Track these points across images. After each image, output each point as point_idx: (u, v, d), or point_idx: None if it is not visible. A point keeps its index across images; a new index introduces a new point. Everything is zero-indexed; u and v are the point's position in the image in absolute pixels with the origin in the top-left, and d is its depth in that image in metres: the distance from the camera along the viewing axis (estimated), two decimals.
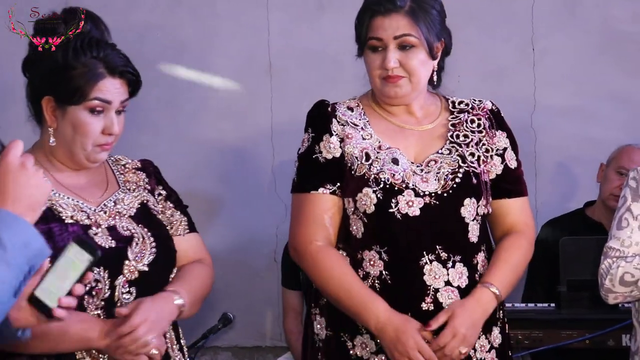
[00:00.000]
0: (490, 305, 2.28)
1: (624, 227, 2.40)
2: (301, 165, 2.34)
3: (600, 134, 3.84)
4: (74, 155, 2.12)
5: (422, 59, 2.29)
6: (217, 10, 4.03)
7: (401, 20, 2.26)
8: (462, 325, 2.22)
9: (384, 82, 2.30)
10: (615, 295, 2.39)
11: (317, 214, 2.29)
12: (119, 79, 2.11)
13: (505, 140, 2.39)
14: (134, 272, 2.10)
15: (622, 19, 3.90)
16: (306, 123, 2.36)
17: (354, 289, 2.24)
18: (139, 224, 2.14)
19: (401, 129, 2.35)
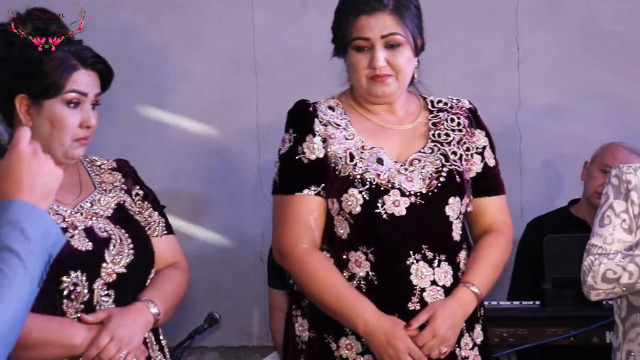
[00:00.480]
0: (470, 305, 2.29)
1: (606, 224, 2.42)
2: (283, 166, 2.32)
3: (584, 132, 3.86)
4: (51, 152, 2.09)
5: (408, 57, 2.29)
6: (202, 9, 4.02)
7: (387, 19, 2.26)
8: (443, 325, 2.23)
9: (371, 82, 2.29)
10: (598, 292, 2.40)
11: (303, 215, 2.27)
12: (92, 70, 2.12)
13: (484, 138, 2.40)
14: (111, 275, 2.09)
15: (605, 17, 3.91)
16: (287, 123, 2.35)
17: (340, 291, 2.23)
18: (116, 225, 2.13)
19: (383, 128, 2.34)
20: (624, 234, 2.41)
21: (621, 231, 2.41)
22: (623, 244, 2.40)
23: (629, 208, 2.42)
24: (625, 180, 2.43)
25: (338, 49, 2.33)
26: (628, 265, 2.34)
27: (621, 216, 2.41)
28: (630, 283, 2.35)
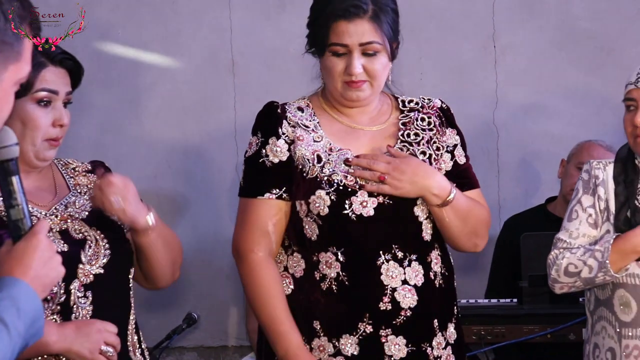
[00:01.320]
0: (441, 187, 2.29)
1: (574, 218, 2.46)
2: (247, 168, 2.34)
3: (560, 130, 3.90)
4: (23, 153, 2.07)
5: (384, 63, 2.29)
6: (179, 8, 4.02)
7: (365, 26, 2.25)
8: (408, 159, 2.28)
9: (346, 86, 2.29)
10: (561, 285, 2.45)
11: (261, 220, 2.29)
12: (61, 67, 2.10)
13: (456, 137, 2.41)
14: (88, 276, 2.09)
15: (581, 16, 3.95)
16: (254, 125, 2.35)
17: (275, 314, 2.27)
18: (91, 227, 2.12)
19: (352, 129, 2.35)
20: (589, 229, 2.44)
21: (587, 226, 2.44)
22: (588, 238, 2.44)
23: (595, 203, 2.45)
24: (594, 176, 2.47)
25: (314, 49, 2.33)
26: (588, 259, 2.38)
27: (588, 211, 2.45)
28: (590, 277, 2.39)
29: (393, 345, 2.27)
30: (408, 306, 2.27)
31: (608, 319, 2.44)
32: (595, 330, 2.47)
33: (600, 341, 2.44)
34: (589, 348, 2.50)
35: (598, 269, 2.36)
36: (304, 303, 2.30)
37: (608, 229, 2.43)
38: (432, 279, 2.31)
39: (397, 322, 2.26)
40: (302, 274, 2.31)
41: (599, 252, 2.37)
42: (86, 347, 2.03)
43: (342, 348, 2.27)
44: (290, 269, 2.32)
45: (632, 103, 2.44)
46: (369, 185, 2.25)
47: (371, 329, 2.26)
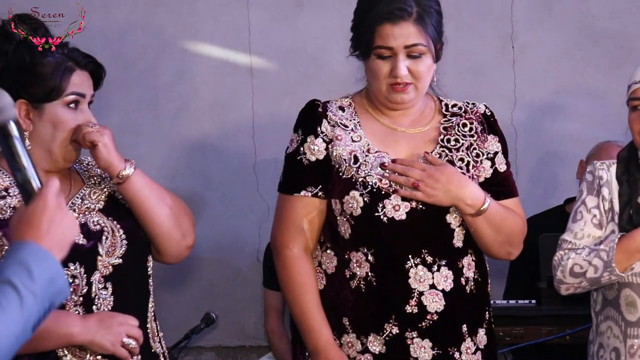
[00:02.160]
0: (475, 197, 2.28)
1: (578, 219, 2.48)
2: (287, 165, 2.37)
3: (579, 130, 3.88)
4: (52, 154, 2.13)
5: (429, 65, 2.31)
6: (197, 9, 4.03)
7: (410, 28, 2.26)
8: (443, 167, 2.28)
9: (392, 89, 2.29)
10: (567, 287, 2.46)
11: (297, 217, 2.32)
12: (85, 71, 2.14)
13: (497, 144, 2.39)
14: (107, 267, 2.12)
15: (600, 16, 3.93)
16: (297, 123, 2.37)
17: (307, 308, 2.31)
18: (108, 217, 2.16)
19: (393, 130, 2.35)
20: (594, 229, 2.45)
21: (591, 226, 2.45)
22: (593, 239, 2.45)
23: (600, 204, 2.46)
24: (597, 177, 2.48)
25: (359, 52, 2.33)
26: (593, 259, 2.39)
27: (592, 212, 2.46)
28: (596, 277, 2.39)
29: (419, 348, 2.29)
30: (435, 310, 2.28)
31: (614, 318, 2.45)
32: (600, 331, 2.48)
33: (605, 341, 2.45)
34: (594, 349, 2.50)
35: (603, 268, 2.37)
36: (334, 299, 2.33)
37: (613, 229, 2.43)
38: (463, 285, 2.32)
39: (423, 325, 2.28)
40: (334, 271, 2.33)
41: (604, 252, 2.38)
42: (108, 339, 2.07)
43: (370, 346, 2.30)
44: (323, 265, 2.36)
45: (638, 102, 2.45)
46: (403, 190, 2.27)
47: (397, 330, 2.28)
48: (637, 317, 2.39)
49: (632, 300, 2.40)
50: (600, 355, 2.47)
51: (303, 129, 2.35)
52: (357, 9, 2.35)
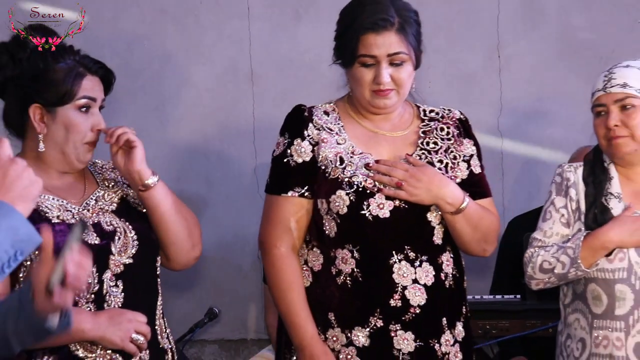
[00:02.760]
0: (454, 196, 2.30)
1: (548, 219, 2.50)
2: (274, 167, 2.37)
3: (561, 135, 3.90)
4: (66, 156, 2.14)
5: (409, 72, 2.33)
6: (201, 21, 4.04)
7: (393, 38, 2.28)
8: (424, 167, 2.29)
9: (375, 95, 2.31)
10: (537, 282, 2.48)
11: (285, 217, 2.33)
12: (96, 76, 2.17)
13: (472, 147, 2.43)
14: (119, 266, 2.13)
15: (580, 28, 3.95)
16: (283, 127, 2.38)
17: (294, 305, 2.31)
18: (121, 218, 2.17)
19: (375, 134, 2.37)
20: (562, 228, 2.48)
21: (560, 225, 2.48)
22: (561, 237, 2.47)
23: (567, 204, 2.48)
24: (565, 178, 2.51)
25: (342, 60, 2.35)
26: (561, 256, 2.41)
27: (560, 211, 2.48)
28: (563, 273, 2.42)
29: (402, 340, 2.29)
30: (417, 304, 2.29)
31: (582, 311, 2.47)
32: (568, 322, 2.51)
33: (573, 332, 2.48)
34: (562, 339, 2.54)
35: (570, 265, 2.39)
36: (320, 295, 2.33)
37: (580, 228, 2.46)
38: (443, 280, 2.33)
39: (407, 318, 2.29)
40: (320, 268, 2.34)
41: (570, 249, 2.40)
42: (118, 335, 2.08)
43: (354, 339, 2.30)
44: (309, 263, 2.35)
45: (602, 109, 2.47)
46: (387, 189, 2.28)
47: (382, 323, 2.29)
48: (602, 310, 2.41)
49: (597, 294, 2.42)
50: (568, 345, 2.50)
51: (290, 133, 2.35)
52: (340, 20, 2.36)
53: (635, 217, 2.40)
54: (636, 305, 2.38)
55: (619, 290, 2.39)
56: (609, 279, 2.40)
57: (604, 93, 2.46)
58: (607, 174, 2.48)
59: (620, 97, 2.43)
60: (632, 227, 2.38)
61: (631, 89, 2.43)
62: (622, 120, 2.43)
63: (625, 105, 2.43)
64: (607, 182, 2.46)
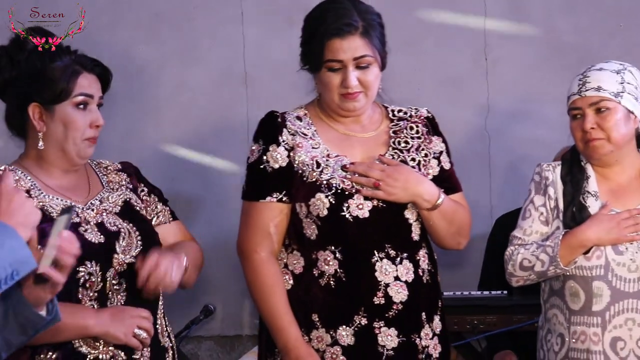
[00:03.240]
0: (430, 193, 2.31)
1: (527, 217, 2.51)
2: (250, 174, 2.35)
3: (547, 135, 3.89)
4: (66, 152, 2.15)
5: (376, 74, 2.33)
6: (196, 25, 4.04)
7: (358, 41, 2.27)
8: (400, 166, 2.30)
9: (343, 98, 2.31)
10: (517, 279, 2.49)
11: (264, 222, 2.31)
12: (93, 74, 2.16)
13: (441, 144, 2.44)
14: (122, 265, 2.13)
15: (565, 32, 3.96)
16: (256, 133, 2.37)
17: (276, 309, 2.29)
18: (124, 220, 2.18)
19: (347, 136, 2.36)
20: (541, 226, 2.49)
21: (539, 223, 2.49)
22: (540, 235, 2.49)
23: (546, 202, 2.49)
24: (544, 177, 2.52)
25: (309, 66, 2.35)
26: (540, 254, 2.43)
27: (539, 210, 2.49)
28: (543, 271, 2.43)
29: (386, 336, 2.30)
30: (400, 300, 2.30)
31: (560, 307, 2.49)
32: (548, 317, 2.53)
33: (552, 327, 2.49)
34: (542, 333, 2.55)
35: (549, 263, 2.41)
36: (302, 298, 2.32)
37: (558, 226, 2.46)
38: (421, 275, 2.35)
39: (390, 315, 2.30)
40: (302, 271, 2.33)
41: (549, 248, 2.41)
42: (121, 330, 2.08)
43: (339, 338, 2.29)
44: (290, 266, 2.34)
45: (578, 112, 2.48)
46: (365, 190, 2.28)
47: (366, 321, 2.29)
48: (580, 306, 2.42)
49: (575, 290, 2.43)
50: (548, 340, 2.51)
51: (264, 139, 2.34)
52: (305, 27, 2.36)
53: (612, 216, 2.42)
54: (612, 302, 2.40)
55: (597, 287, 2.40)
56: (587, 276, 2.41)
57: (579, 97, 2.47)
58: (585, 173, 2.49)
59: (595, 100, 2.44)
60: (609, 226, 2.39)
61: (605, 92, 2.44)
62: (598, 122, 2.44)
63: (600, 108, 2.44)
64: (584, 181, 2.47)
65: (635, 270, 2.39)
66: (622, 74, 2.46)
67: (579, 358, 2.42)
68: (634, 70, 2.50)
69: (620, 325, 2.38)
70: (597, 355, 2.39)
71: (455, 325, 3.41)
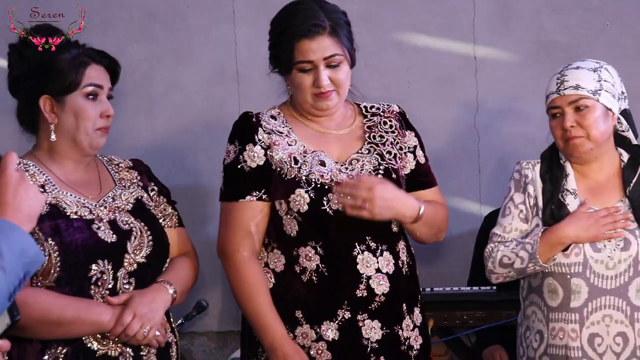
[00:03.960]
0: (412, 208, 2.29)
1: (507, 214, 2.51)
2: (227, 175, 2.34)
3: (535, 132, 3.89)
4: (77, 143, 2.15)
5: (347, 72, 2.32)
6: (189, 24, 4.05)
7: (327, 41, 2.26)
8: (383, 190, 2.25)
9: (317, 98, 2.31)
10: (497, 276, 2.49)
11: (244, 222, 2.29)
12: (101, 65, 2.18)
13: (414, 139, 2.45)
14: (132, 264, 2.13)
15: (552, 31, 3.97)
16: (232, 135, 2.36)
17: (261, 309, 2.26)
18: (136, 218, 2.18)
19: (322, 133, 2.36)
20: (521, 223, 2.49)
21: (518, 221, 2.49)
22: (520, 232, 2.48)
23: (526, 200, 2.49)
24: (524, 175, 2.52)
25: (280, 68, 2.35)
26: (520, 252, 2.42)
27: (519, 207, 2.49)
28: (522, 267, 2.43)
29: (370, 329, 2.29)
30: (382, 292, 2.30)
31: (538, 304, 2.49)
32: (527, 314, 2.53)
33: (531, 324, 2.50)
34: (522, 330, 2.55)
35: (529, 260, 2.41)
36: (285, 295, 2.30)
37: (537, 223, 2.46)
38: (401, 267, 2.35)
39: (372, 307, 2.29)
40: (283, 269, 2.31)
41: (529, 245, 2.41)
42: None
43: (324, 334, 2.28)
44: (270, 265, 2.32)
45: (557, 110, 2.48)
46: (349, 209, 2.23)
47: (349, 314, 2.28)
48: (558, 302, 2.43)
49: (553, 287, 2.43)
50: (527, 337, 2.52)
51: (240, 139, 2.32)
52: (272, 30, 2.36)
53: (590, 213, 2.42)
54: (590, 298, 2.40)
55: (575, 283, 2.40)
56: (565, 273, 2.41)
57: (558, 95, 2.48)
58: (564, 171, 2.49)
59: (574, 98, 2.44)
60: (587, 223, 2.39)
61: (583, 90, 2.44)
62: (577, 120, 2.44)
63: (579, 106, 2.44)
64: (563, 179, 2.47)
65: (613, 268, 2.39)
66: (598, 72, 2.46)
67: (557, 354, 2.42)
68: (610, 68, 2.50)
69: (598, 321, 2.39)
70: (575, 351, 2.39)
71: (445, 321, 3.41)
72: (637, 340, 2.38)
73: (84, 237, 2.06)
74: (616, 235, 2.40)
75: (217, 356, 4.11)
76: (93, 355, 2.08)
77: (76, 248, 2.05)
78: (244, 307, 2.30)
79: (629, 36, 3.91)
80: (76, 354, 2.07)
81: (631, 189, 2.44)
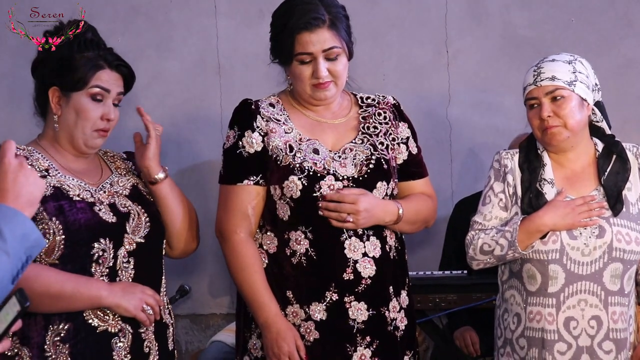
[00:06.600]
0: (390, 214, 2.32)
1: (487, 203, 2.51)
2: (227, 159, 2.35)
3: (504, 124, 3.93)
4: (74, 139, 2.15)
5: (344, 63, 2.35)
6: (171, 18, 4.01)
7: (326, 34, 2.28)
8: (365, 201, 2.28)
9: (315, 88, 2.32)
10: (477, 262, 2.50)
11: (242, 205, 2.30)
12: (116, 72, 2.18)
13: (407, 130, 2.45)
14: (132, 244, 2.15)
15: (521, 26, 3.98)
16: (232, 120, 2.37)
17: (256, 287, 2.28)
18: (134, 202, 2.19)
19: (318, 122, 2.38)
20: (500, 212, 2.49)
21: (498, 209, 2.49)
22: (499, 220, 2.49)
23: (505, 189, 2.50)
24: (503, 165, 2.52)
25: (280, 59, 2.35)
26: (500, 239, 2.43)
27: (499, 196, 2.50)
28: (502, 255, 2.44)
29: (356, 310, 2.31)
30: (368, 275, 2.31)
31: (517, 288, 2.50)
32: (505, 297, 2.53)
33: (509, 307, 2.51)
34: (499, 312, 2.56)
35: (508, 247, 2.41)
36: (277, 275, 2.33)
37: (517, 212, 2.47)
38: (388, 251, 2.36)
39: (359, 289, 2.31)
40: (275, 250, 2.33)
41: (508, 233, 2.42)
42: (132, 303, 2.11)
43: (312, 314, 2.31)
44: (264, 246, 2.35)
45: (534, 101, 2.49)
46: (334, 222, 2.28)
47: (337, 296, 2.31)
48: (536, 287, 2.43)
49: (532, 273, 2.43)
50: (505, 319, 2.52)
51: (239, 125, 2.34)
52: (273, 22, 2.37)
53: (567, 202, 2.42)
54: (567, 284, 2.42)
55: (552, 270, 2.41)
56: (543, 260, 2.42)
57: (535, 87, 2.48)
58: (541, 161, 2.49)
59: (551, 89, 2.45)
60: (564, 211, 2.39)
61: (559, 81, 2.44)
62: (554, 110, 2.45)
63: (556, 96, 2.45)
64: (541, 168, 2.47)
65: (589, 254, 2.40)
66: (573, 64, 2.47)
67: (534, 337, 2.43)
68: (584, 61, 2.51)
69: (574, 305, 2.40)
70: (551, 334, 2.40)
71: (419, 304, 3.43)
72: (610, 323, 2.40)
73: (86, 217, 2.08)
74: (592, 223, 2.40)
75: (199, 337, 4.10)
76: (94, 331, 2.09)
77: (80, 227, 2.07)
78: (240, 285, 2.32)
79: (592, 32, 3.93)
80: (77, 330, 2.08)
81: (605, 177, 2.45)
